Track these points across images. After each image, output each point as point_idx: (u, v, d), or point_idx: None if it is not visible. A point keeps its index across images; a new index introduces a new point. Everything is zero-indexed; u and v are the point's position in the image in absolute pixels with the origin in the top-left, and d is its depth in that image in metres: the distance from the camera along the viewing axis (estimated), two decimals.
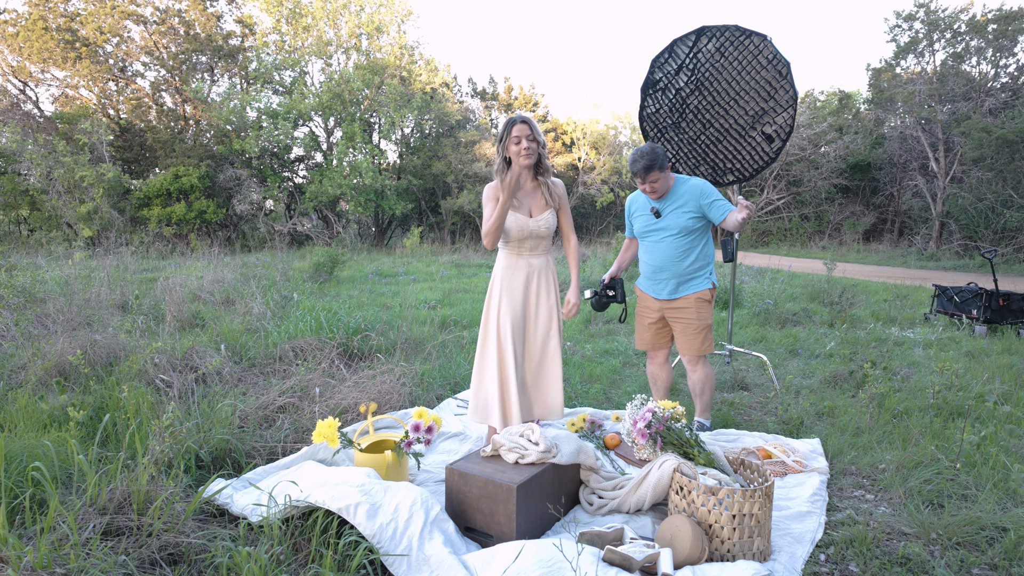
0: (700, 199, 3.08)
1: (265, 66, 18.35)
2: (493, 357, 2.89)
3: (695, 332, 3.17)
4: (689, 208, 3.09)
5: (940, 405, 3.52)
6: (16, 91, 16.87)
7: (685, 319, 3.19)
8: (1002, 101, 16.86)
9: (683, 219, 3.10)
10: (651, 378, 3.47)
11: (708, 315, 3.19)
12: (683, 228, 3.11)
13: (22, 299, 4.30)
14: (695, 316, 3.16)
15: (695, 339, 3.18)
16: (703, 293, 3.17)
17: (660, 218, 3.16)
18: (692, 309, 3.16)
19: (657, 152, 3.02)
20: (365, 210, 18.62)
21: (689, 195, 3.10)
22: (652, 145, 3.07)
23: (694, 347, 3.19)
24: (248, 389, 3.67)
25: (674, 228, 3.13)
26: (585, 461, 2.47)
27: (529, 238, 2.93)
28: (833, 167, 20.80)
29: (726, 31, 3.98)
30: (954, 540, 2.16)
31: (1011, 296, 6.01)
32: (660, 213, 3.15)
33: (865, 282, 10.19)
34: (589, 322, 6.42)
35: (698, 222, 3.12)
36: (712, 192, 3.10)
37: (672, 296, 3.20)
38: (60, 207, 14.52)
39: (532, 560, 1.81)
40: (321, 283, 8.85)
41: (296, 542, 2.03)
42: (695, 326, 3.16)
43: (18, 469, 2.20)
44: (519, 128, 2.80)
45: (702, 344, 3.18)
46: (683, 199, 3.10)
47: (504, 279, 2.95)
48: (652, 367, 3.44)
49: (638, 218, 3.29)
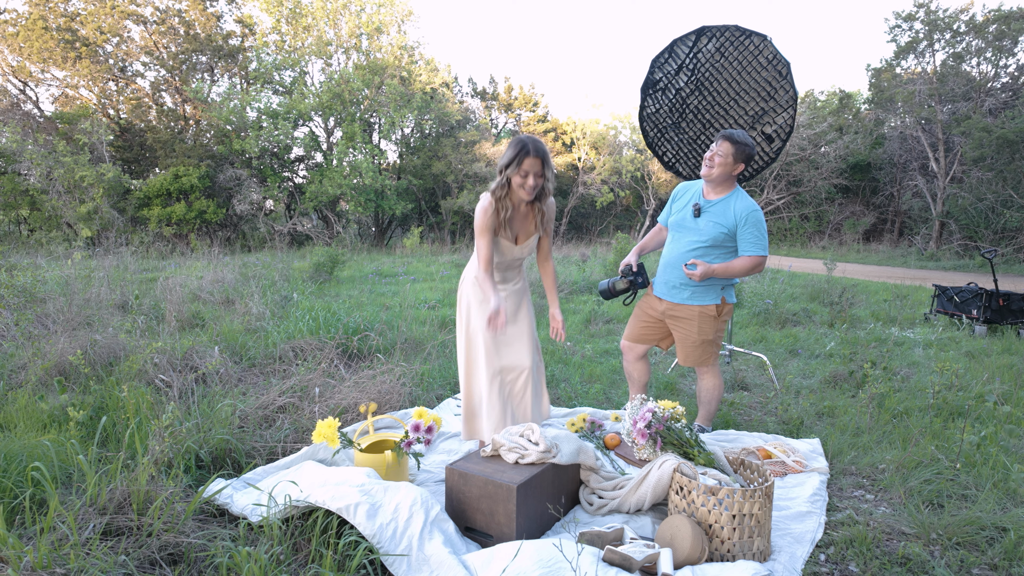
0: (740, 226, 2.93)
1: (265, 66, 18.35)
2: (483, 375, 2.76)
3: (692, 345, 3.10)
4: (726, 225, 2.96)
5: (940, 405, 3.52)
6: (16, 91, 16.87)
7: (684, 329, 3.11)
8: (1002, 101, 16.86)
9: (715, 230, 2.97)
10: (627, 375, 3.39)
11: (710, 331, 3.07)
12: (712, 239, 2.99)
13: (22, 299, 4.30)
14: (695, 329, 3.07)
15: (693, 351, 3.11)
16: (708, 308, 3.05)
17: (698, 217, 3.04)
18: (694, 322, 3.07)
19: (749, 144, 2.93)
20: (365, 210, 18.62)
21: (734, 214, 2.95)
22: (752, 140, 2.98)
23: (691, 358, 3.13)
24: (248, 389, 3.67)
25: (704, 235, 3.01)
26: (585, 461, 2.47)
27: (510, 267, 2.87)
28: (833, 167, 20.80)
29: (726, 31, 3.98)
30: (954, 540, 2.16)
31: (1011, 296, 6.01)
32: (700, 212, 3.03)
33: (865, 282, 10.19)
34: (589, 322, 6.42)
35: (729, 240, 2.99)
36: (757, 227, 2.93)
37: (679, 300, 3.09)
38: (60, 207, 14.52)
39: (532, 560, 1.81)
40: (321, 283, 8.85)
41: (296, 542, 2.03)
42: (693, 339, 3.09)
43: (18, 469, 2.20)
44: (531, 163, 2.56)
45: (700, 356, 3.11)
46: (727, 214, 2.96)
47: (475, 296, 2.81)
48: (627, 363, 3.35)
49: (678, 208, 3.17)
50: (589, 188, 23.32)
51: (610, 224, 25.62)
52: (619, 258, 10.30)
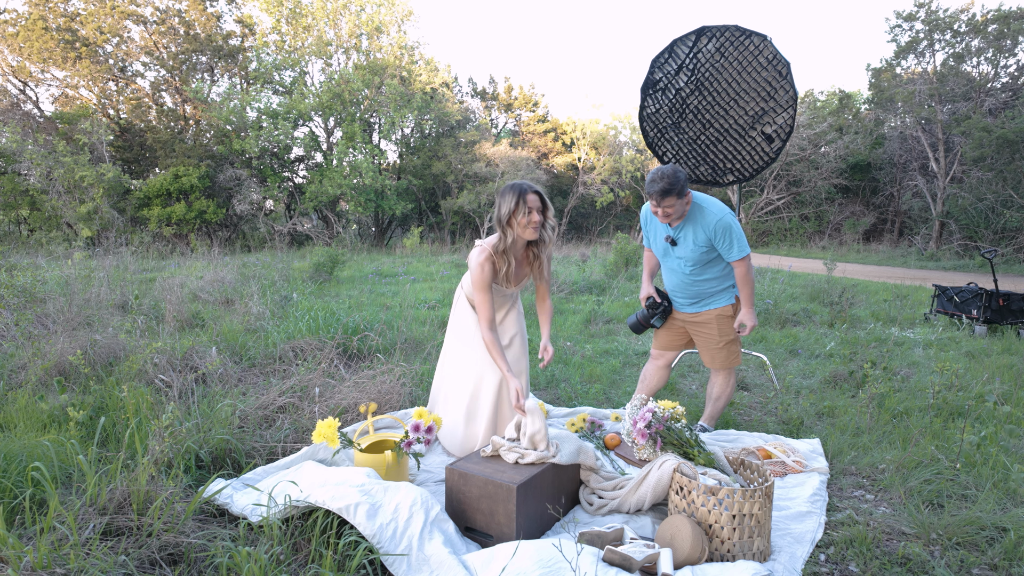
0: (715, 239, 2.92)
1: (265, 66, 18.35)
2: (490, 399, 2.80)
3: (716, 347, 3.15)
4: (702, 244, 2.96)
5: (940, 405, 3.52)
6: (16, 91, 16.87)
7: (705, 334, 3.17)
8: (1002, 101, 16.87)
9: (696, 253, 2.99)
10: (642, 376, 3.42)
11: (730, 330, 3.13)
12: (697, 259, 3.01)
13: (22, 299, 4.30)
14: (716, 332, 3.12)
15: (718, 354, 3.16)
16: (724, 309, 3.11)
17: (675, 247, 3.06)
18: (713, 325, 3.12)
19: (678, 176, 2.79)
20: (365, 210, 18.62)
21: (704, 232, 2.93)
22: (675, 168, 2.83)
23: (717, 361, 3.17)
24: (248, 389, 3.67)
25: (689, 260, 3.03)
26: (585, 461, 2.47)
27: (503, 306, 2.91)
28: (833, 167, 20.81)
29: (726, 31, 3.98)
30: (954, 540, 2.16)
31: (1011, 296, 6.01)
32: (676, 242, 3.04)
33: (865, 282, 10.19)
34: (589, 322, 6.42)
35: (713, 251, 2.99)
36: (729, 233, 2.90)
37: (693, 310, 3.18)
38: (60, 207, 14.52)
39: (532, 560, 1.81)
40: (321, 283, 8.85)
41: (296, 542, 2.03)
42: (715, 341, 3.14)
43: (18, 469, 2.20)
44: (533, 199, 2.62)
45: (726, 358, 3.16)
46: (698, 233, 2.95)
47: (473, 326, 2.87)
48: (652, 367, 3.38)
49: (655, 239, 3.20)
50: (589, 188, 23.32)
51: (610, 224, 25.63)
52: (619, 258, 10.31)
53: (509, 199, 2.61)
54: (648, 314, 3.25)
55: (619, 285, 8.77)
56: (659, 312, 3.24)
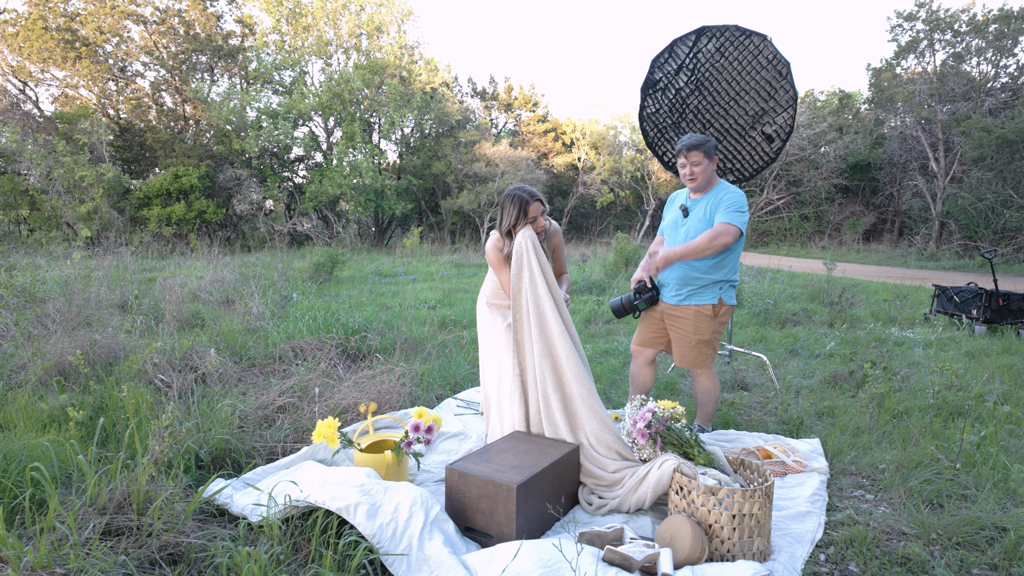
0: (722, 203, 2.94)
1: (265, 66, 18.35)
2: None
3: (688, 344, 3.10)
4: (711, 217, 2.98)
5: (940, 405, 3.52)
6: (16, 91, 16.87)
7: (681, 329, 3.11)
8: (1002, 101, 16.86)
9: (703, 225, 2.99)
10: (631, 378, 3.39)
11: (706, 331, 3.07)
12: (700, 234, 3.00)
13: (22, 299, 4.30)
14: (691, 329, 3.07)
15: (688, 351, 3.11)
16: (705, 308, 3.04)
17: (686, 217, 3.08)
18: (690, 321, 3.07)
19: (709, 140, 3.00)
20: (365, 210, 18.62)
21: (716, 202, 2.98)
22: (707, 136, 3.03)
23: (687, 358, 3.13)
24: (248, 389, 3.67)
25: (694, 232, 3.03)
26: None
27: None
28: (833, 167, 20.81)
29: (726, 31, 3.98)
30: (954, 540, 2.16)
31: (1011, 296, 6.01)
32: (688, 212, 3.08)
33: (865, 282, 10.19)
34: (589, 322, 6.42)
35: None
36: (736, 203, 2.92)
37: (675, 301, 3.10)
38: (60, 207, 14.51)
39: (532, 560, 1.81)
40: (321, 283, 8.85)
41: (296, 542, 2.03)
42: (689, 338, 3.08)
43: (18, 469, 2.20)
44: (535, 208, 2.77)
45: (696, 357, 3.11)
46: (710, 205, 3.00)
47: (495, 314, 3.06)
48: (635, 366, 3.35)
49: (669, 213, 3.25)
50: (589, 188, 23.33)
51: (610, 224, 25.65)
52: (619, 258, 10.31)
53: (512, 211, 2.76)
54: (633, 297, 3.23)
55: (619, 285, 8.76)
56: (645, 297, 3.21)
